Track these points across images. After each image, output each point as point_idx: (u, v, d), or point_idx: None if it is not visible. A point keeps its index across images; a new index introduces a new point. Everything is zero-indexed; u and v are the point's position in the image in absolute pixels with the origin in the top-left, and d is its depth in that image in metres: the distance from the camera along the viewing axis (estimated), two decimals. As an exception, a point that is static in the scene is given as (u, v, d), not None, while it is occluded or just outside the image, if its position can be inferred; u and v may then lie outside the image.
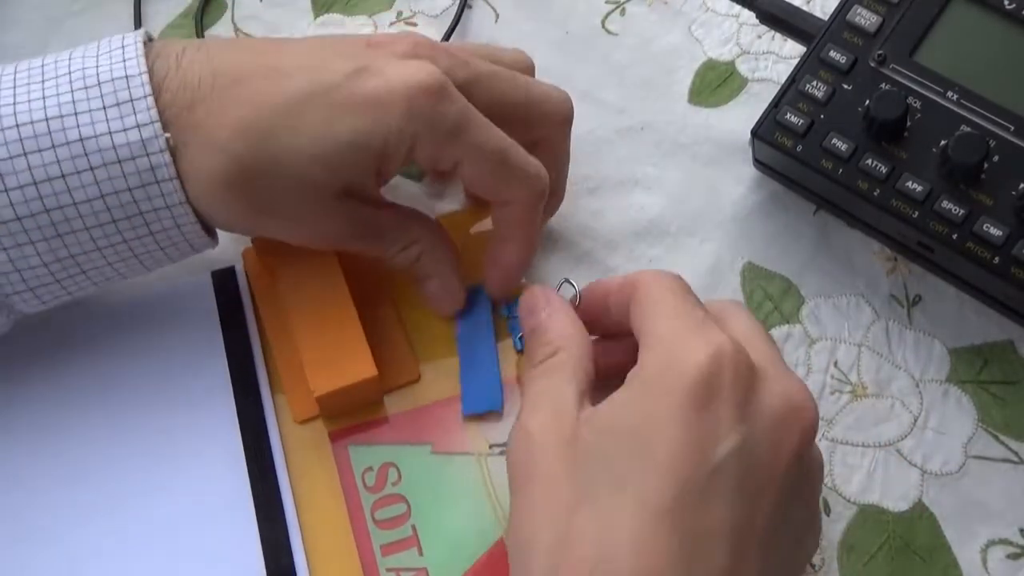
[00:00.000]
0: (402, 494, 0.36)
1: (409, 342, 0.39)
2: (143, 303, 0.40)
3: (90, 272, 0.35)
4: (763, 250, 0.42)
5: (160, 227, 0.34)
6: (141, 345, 0.39)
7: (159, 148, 0.32)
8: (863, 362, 0.39)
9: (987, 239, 0.36)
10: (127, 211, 0.33)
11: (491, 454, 0.37)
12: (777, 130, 0.39)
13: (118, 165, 0.32)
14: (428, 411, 0.38)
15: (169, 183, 0.33)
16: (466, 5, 0.48)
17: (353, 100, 0.33)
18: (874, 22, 0.39)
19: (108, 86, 0.32)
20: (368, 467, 0.37)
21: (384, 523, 0.36)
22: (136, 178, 0.32)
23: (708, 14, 0.48)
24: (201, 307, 0.40)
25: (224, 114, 0.33)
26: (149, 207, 0.33)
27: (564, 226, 0.43)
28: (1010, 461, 0.37)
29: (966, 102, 0.38)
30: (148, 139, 0.32)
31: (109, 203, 0.32)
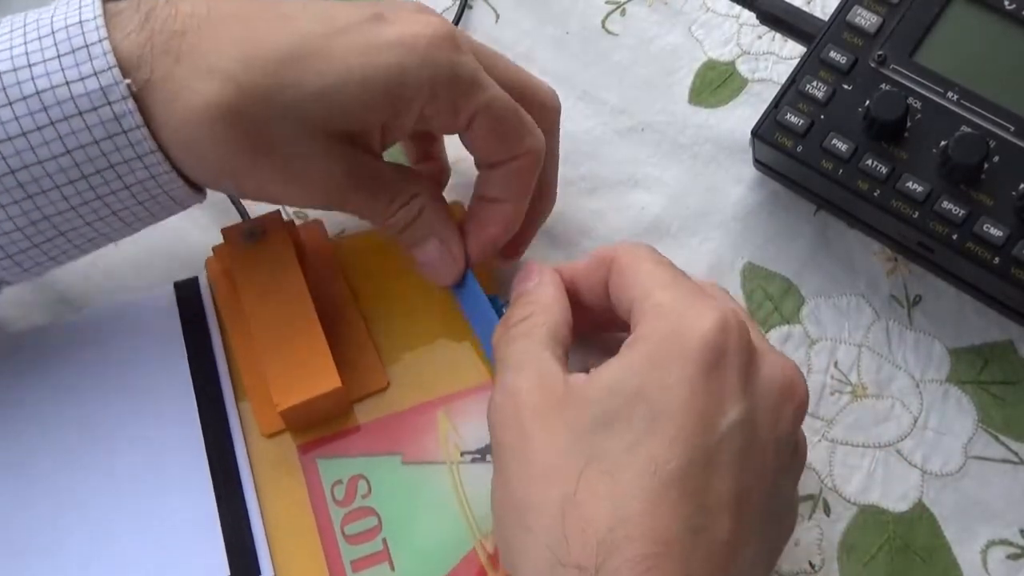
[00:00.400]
0: (372, 507, 0.36)
1: (376, 350, 0.38)
2: (105, 315, 0.39)
3: (69, 234, 0.33)
4: (763, 250, 0.42)
5: (134, 179, 0.32)
6: (103, 357, 0.38)
7: (121, 95, 0.30)
8: (863, 362, 0.39)
9: (987, 239, 0.36)
10: (96, 165, 0.31)
11: (463, 462, 0.36)
12: (777, 130, 0.39)
13: (79, 117, 0.30)
14: (400, 418, 0.37)
15: (137, 131, 0.30)
16: (466, 5, 0.48)
17: (370, 42, 0.32)
18: (874, 22, 0.39)
19: (62, 34, 0.30)
20: (337, 480, 0.36)
21: (354, 538, 0.35)
22: (101, 129, 0.30)
23: (708, 14, 0.48)
24: (164, 318, 0.39)
25: (222, 41, 0.31)
26: (119, 159, 0.31)
27: (564, 226, 0.43)
28: (1010, 461, 0.37)
29: (966, 102, 0.38)
30: (108, 87, 0.30)
31: (76, 158, 0.30)
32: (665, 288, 0.31)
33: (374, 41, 0.32)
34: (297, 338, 0.36)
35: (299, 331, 0.36)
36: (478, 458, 0.36)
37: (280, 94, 0.31)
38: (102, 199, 0.32)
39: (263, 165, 0.32)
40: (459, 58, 0.33)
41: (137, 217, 0.33)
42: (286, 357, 0.35)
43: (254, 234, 0.37)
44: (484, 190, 0.37)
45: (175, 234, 0.42)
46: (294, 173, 0.33)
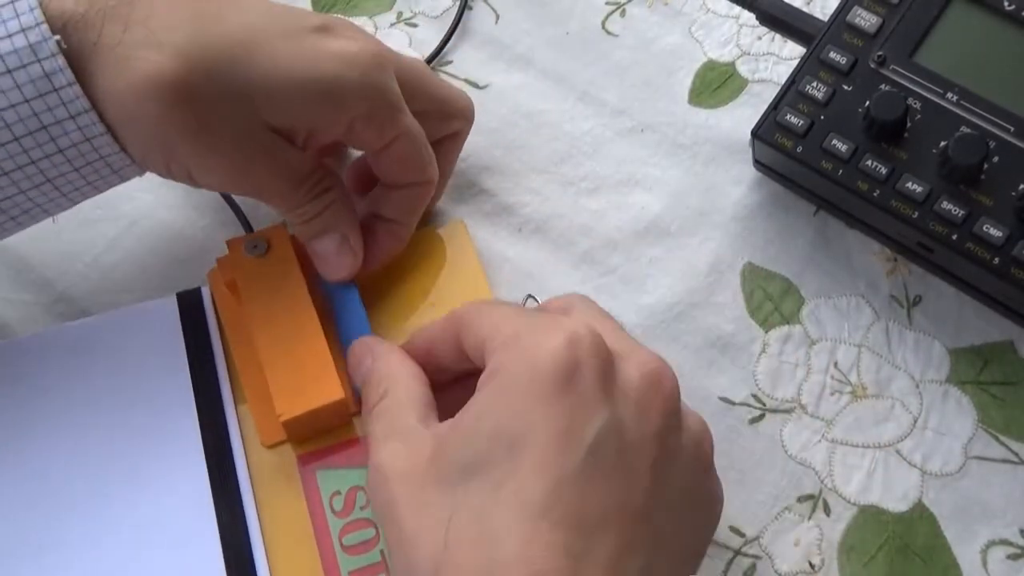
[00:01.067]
0: (371, 519, 0.35)
1: None
2: (108, 322, 0.39)
3: (3, 203, 0.32)
4: (763, 250, 0.42)
5: (68, 142, 0.31)
6: (104, 365, 0.38)
7: (50, 52, 0.29)
8: (863, 363, 0.39)
9: (987, 240, 0.36)
10: (28, 126, 0.30)
11: None
12: (777, 131, 0.39)
13: (8, 76, 0.29)
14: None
15: (68, 89, 0.30)
16: (467, 6, 0.48)
17: (316, 49, 0.33)
18: (874, 23, 0.39)
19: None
20: (336, 491, 0.36)
21: (352, 548, 0.35)
22: (31, 88, 0.29)
23: (708, 15, 0.48)
24: (166, 329, 0.39)
25: (173, 15, 0.31)
26: (51, 119, 0.30)
27: (565, 226, 0.43)
28: (1010, 462, 0.37)
29: (966, 103, 0.38)
30: (36, 43, 0.29)
31: (7, 118, 0.30)
32: (509, 320, 0.31)
33: (319, 49, 0.33)
34: (301, 349, 0.36)
35: (303, 342, 0.36)
36: None
37: (229, 77, 0.31)
38: (36, 164, 0.31)
39: (198, 143, 0.32)
40: (391, 82, 0.35)
41: (74, 186, 0.33)
42: (290, 368, 0.35)
43: (258, 247, 0.38)
44: (380, 208, 0.39)
45: (175, 235, 0.42)
46: (226, 155, 0.33)
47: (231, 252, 0.38)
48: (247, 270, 0.37)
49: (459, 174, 0.44)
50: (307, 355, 0.36)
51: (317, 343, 0.36)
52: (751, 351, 0.40)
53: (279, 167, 0.34)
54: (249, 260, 0.37)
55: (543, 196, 0.43)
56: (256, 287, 0.37)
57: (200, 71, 0.31)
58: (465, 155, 0.45)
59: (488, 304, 0.33)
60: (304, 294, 0.37)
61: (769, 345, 0.40)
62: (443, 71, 0.47)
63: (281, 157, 0.34)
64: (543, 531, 0.26)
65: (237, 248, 0.38)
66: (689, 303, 0.41)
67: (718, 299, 0.41)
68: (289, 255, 0.38)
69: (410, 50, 0.48)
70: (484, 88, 0.46)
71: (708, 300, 0.41)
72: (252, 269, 0.37)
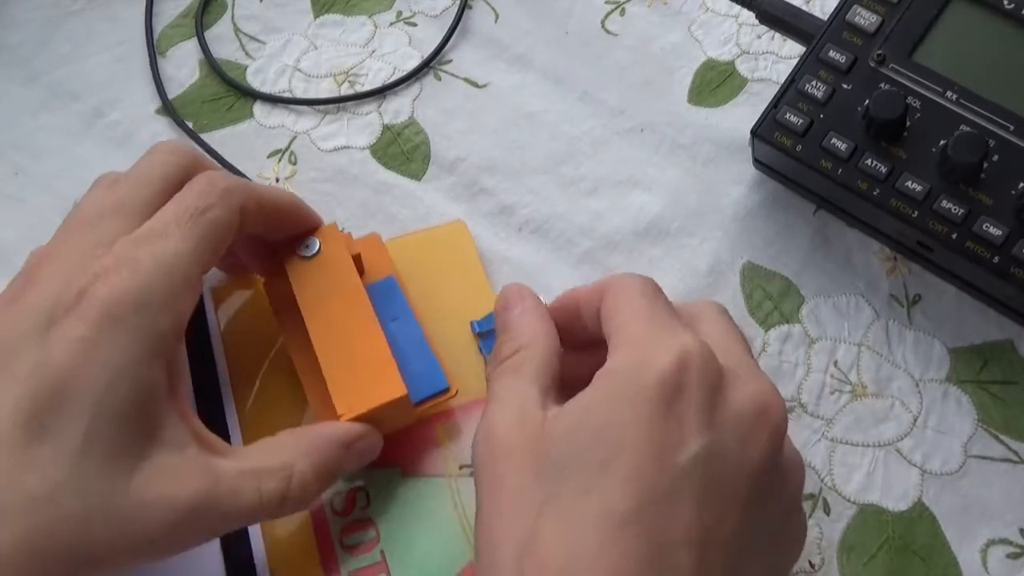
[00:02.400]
0: (371, 518, 0.35)
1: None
2: None
3: None
4: (763, 250, 0.42)
5: None
6: None
7: None
8: (863, 362, 0.39)
9: (987, 239, 0.36)
10: None
11: (461, 475, 0.36)
12: (777, 130, 0.39)
13: None
14: (401, 431, 0.36)
15: None
16: (466, 5, 0.48)
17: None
18: (873, 22, 0.39)
19: None
20: (336, 491, 0.36)
21: (353, 548, 0.35)
22: None
23: (708, 14, 0.48)
24: None
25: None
26: None
27: (564, 226, 0.43)
28: (1010, 461, 0.37)
29: (965, 102, 0.38)
30: None
31: None
32: (639, 319, 0.30)
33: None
34: (359, 347, 0.35)
35: (361, 340, 0.35)
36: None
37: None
38: None
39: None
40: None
41: None
42: (349, 367, 0.35)
43: (310, 246, 0.37)
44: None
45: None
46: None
47: (282, 255, 0.37)
48: (300, 271, 0.36)
49: (459, 174, 0.44)
50: (366, 353, 0.35)
51: (376, 340, 0.35)
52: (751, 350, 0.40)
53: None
54: (302, 261, 0.37)
55: (543, 196, 0.43)
56: (311, 288, 0.36)
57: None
58: (465, 155, 0.45)
59: (633, 285, 0.32)
60: (360, 292, 0.36)
61: (769, 344, 0.40)
62: (442, 70, 0.47)
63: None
64: (624, 539, 0.26)
65: (288, 250, 0.37)
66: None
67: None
68: (342, 253, 0.37)
69: (409, 49, 0.48)
70: (484, 87, 0.46)
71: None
72: (305, 269, 0.36)
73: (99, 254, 0.30)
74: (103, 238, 0.31)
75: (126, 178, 0.34)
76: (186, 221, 0.32)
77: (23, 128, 0.47)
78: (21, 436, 0.28)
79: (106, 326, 0.29)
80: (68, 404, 0.28)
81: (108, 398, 0.28)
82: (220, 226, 0.33)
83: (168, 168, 0.34)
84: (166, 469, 0.29)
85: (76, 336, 0.29)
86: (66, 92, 0.47)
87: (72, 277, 0.30)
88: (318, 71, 0.48)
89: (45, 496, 0.27)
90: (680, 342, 0.29)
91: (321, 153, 0.45)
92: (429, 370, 0.36)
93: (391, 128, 0.46)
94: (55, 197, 0.44)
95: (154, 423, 0.30)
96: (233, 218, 0.33)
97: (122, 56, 0.48)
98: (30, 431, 0.28)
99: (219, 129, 0.46)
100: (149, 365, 0.29)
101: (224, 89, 0.47)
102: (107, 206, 0.33)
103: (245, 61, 0.48)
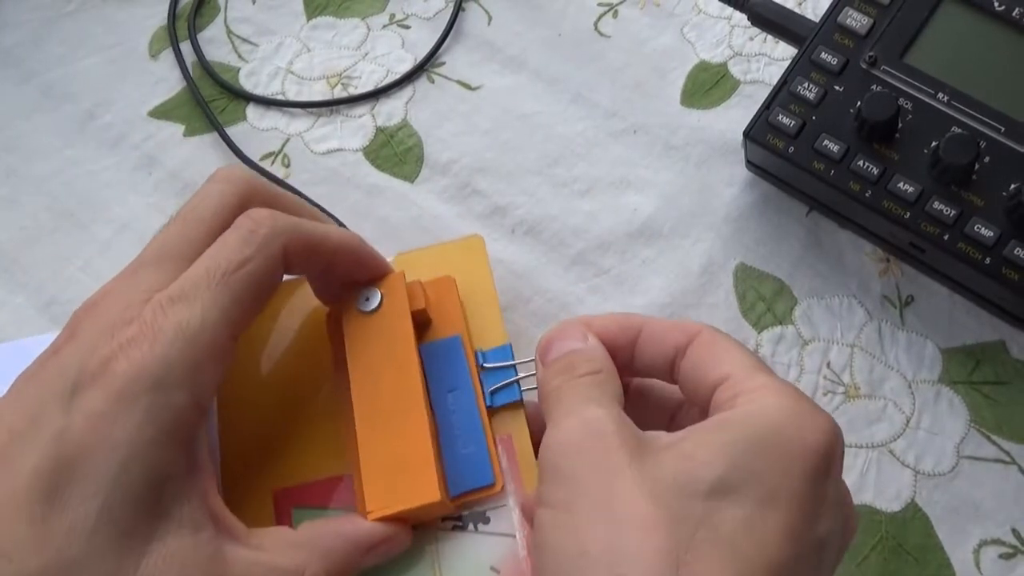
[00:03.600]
0: None
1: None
2: None
3: None
4: (755, 251, 0.42)
5: None
6: None
7: None
8: (856, 363, 0.39)
9: (978, 240, 0.36)
10: None
11: (442, 529, 0.33)
12: (769, 131, 0.39)
13: None
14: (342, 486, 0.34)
15: None
16: (460, 7, 0.48)
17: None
18: (865, 24, 0.39)
19: None
20: None
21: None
22: None
23: (700, 16, 0.48)
24: None
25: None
26: None
27: (557, 228, 0.43)
28: (1002, 461, 0.37)
29: (957, 103, 0.38)
30: None
31: None
32: (765, 374, 0.30)
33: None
34: (401, 435, 0.32)
35: (405, 427, 0.32)
36: (459, 526, 0.33)
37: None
38: None
39: None
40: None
41: None
42: (386, 455, 0.32)
43: (371, 299, 0.34)
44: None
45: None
46: None
47: (343, 302, 0.34)
48: (357, 327, 0.34)
49: (452, 175, 0.44)
50: (407, 443, 0.32)
51: (419, 430, 0.32)
52: (744, 352, 0.40)
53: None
54: (360, 316, 0.34)
55: (536, 197, 0.43)
56: (364, 349, 0.33)
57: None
58: (458, 156, 0.45)
59: (740, 346, 0.31)
60: (414, 367, 0.33)
61: (762, 346, 0.40)
62: (436, 73, 0.47)
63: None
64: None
65: (350, 300, 0.34)
66: (682, 304, 0.41)
67: (711, 300, 0.41)
68: (403, 314, 0.34)
69: (402, 51, 0.48)
70: (477, 90, 0.46)
71: (701, 301, 0.41)
72: (362, 326, 0.34)
73: (128, 317, 0.30)
74: (138, 295, 0.31)
75: (180, 215, 0.33)
76: (217, 281, 0.30)
77: (16, 130, 0.47)
78: (39, 508, 0.28)
79: (123, 403, 0.28)
80: (84, 478, 0.28)
81: (122, 477, 0.28)
82: (257, 282, 0.31)
83: (224, 199, 0.33)
84: (177, 553, 0.29)
85: (95, 410, 0.28)
86: (59, 94, 0.47)
87: (99, 343, 0.30)
88: (311, 73, 0.48)
89: (58, 571, 0.27)
90: (828, 417, 0.29)
91: (314, 155, 0.45)
92: (477, 459, 0.33)
93: (384, 130, 0.46)
94: (48, 199, 0.44)
95: (168, 504, 0.29)
96: (275, 269, 0.31)
97: (115, 58, 0.48)
98: (48, 503, 0.28)
99: (212, 132, 0.46)
100: (165, 445, 0.29)
101: (217, 92, 0.47)
102: (152, 251, 0.32)
103: (238, 63, 0.48)
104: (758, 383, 0.29)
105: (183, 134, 0.46)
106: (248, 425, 0.35)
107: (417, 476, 0.32)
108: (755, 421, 0.28)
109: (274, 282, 0.32)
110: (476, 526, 0.33)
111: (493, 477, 0.33)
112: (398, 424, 0.32)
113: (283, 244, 0.32)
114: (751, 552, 0.26)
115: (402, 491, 0.31)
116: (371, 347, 0.33)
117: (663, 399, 0.34)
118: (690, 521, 0.26)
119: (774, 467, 0.27)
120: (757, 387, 0.29)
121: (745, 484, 0.27)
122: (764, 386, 0.29)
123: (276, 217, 0.32)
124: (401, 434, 0.32)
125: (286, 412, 0.36)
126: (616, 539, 0.26)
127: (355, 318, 0.34)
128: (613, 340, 0.32)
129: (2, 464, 0.28)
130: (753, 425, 0.28)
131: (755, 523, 0.26)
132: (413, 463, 0.32)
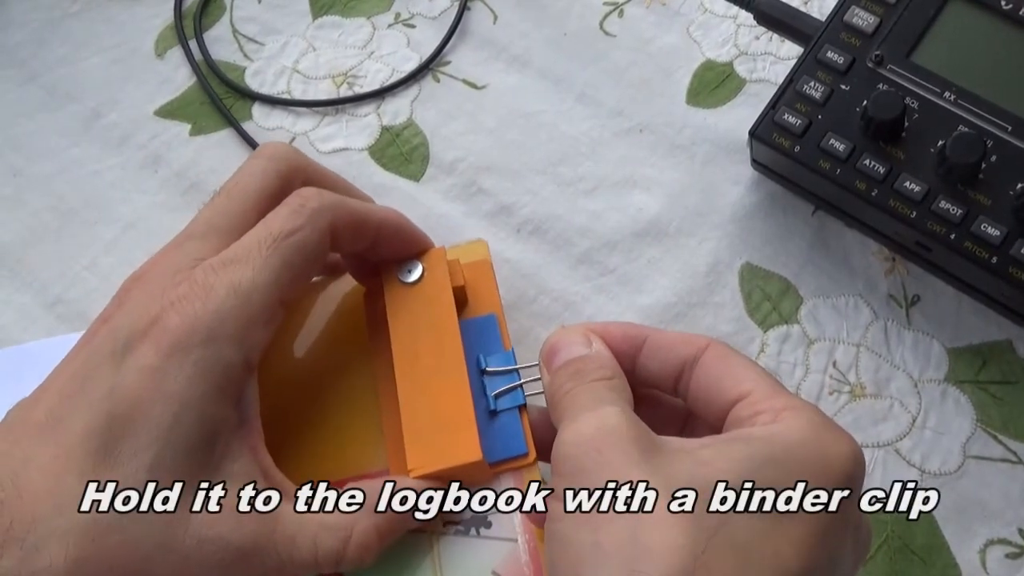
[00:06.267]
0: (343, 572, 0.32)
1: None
2: None
3: None
4: (761, 250, 0.42)
5: None
6: None
7: None
8: (861, 362, 0.39)
9: (985, 239, 0.36)
10: None
11: (444, 532, 0.33)
12: (775, 131, 0.39)
13: None
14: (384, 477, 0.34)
15: None
16: (465, 6, 0.48)
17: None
18: (871, 23, 0.39)
19: None
20: None
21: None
22: None
23: (706, 15, 0.48)
24: None
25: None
26: None
27: (563, 227, 0.43)
28: (1008, 461, 0.37)
29: (963, 102, 0.38)
30: None
31: None
32: (786, 394, 0.30)
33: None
34: (442, 397, 0.33)
35: (446, 389, 0.33)
36: (460, 530, 0.33)
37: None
38: None
39: None
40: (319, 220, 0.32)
41: None
42: (428, 417, 0.33)
43: (413, 271, 0.35)
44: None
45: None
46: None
47: (384, 275, 0.35)
48: (399, 297, 0.34)
49: (457, 174, 0.44)
50: (449, 405, 0.33)
51: (460, 392, 0.33)
52: (750, 351, 0.40)
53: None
54: (402, 287, 0.35)
55: (541, 196, 0.43)
56: (406, 318, 0.34)
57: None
58: (464, 155, 0.45)
59: (753, 363, 0.31)
60: (454, 335, 0.34)
61: (768, 345, 0.40)
62: (441, 72, 0.47)
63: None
64: None
65: (391, 272, 0.35)
66: (688, 303, 0.41)
67: (716, 299, 0.41)
68: (443, 284, 0.35)
69: (408, 50, 0.48)
70: (482, 88, 0.46)
71: (707, 300, 0.41)
72: (404, 296, 0.34)
73: (179, 280, 0.30)
74: (187, 262, 0.31)
75: (225, 190, 0.33)
76: (268, 246, 0.31)
77: (21, 129, 0.47)
78: (91, 462, 0.28)
79: (175, 357, 0.29)
80: (136, 432, 0.28)
81: (174, 430, 0.28)
82: (307, 251, 0.31)
83: (267, 179, 0.33)
84: (227, 506, 0.29)
85: (147, 365, 0.28)
86: (64, 93, 0.47)
87: (150, 303, 0.30)
88: (317, 73, 0.48)
89: (109, 521, 0.27)
90: (852, 443, 0.29)
91: (320, 155, 0.45)
92: (512, 430, 0.34)
93: (390, 129, 0.46)
94: (53, 198, 0.44)
95: (219, 458, 0.29)
96: (323, 241, 0.32)
97: (120, 58, 0.48)
98: (99, 456, 0.28)
99: (218, 131, 0.46)
100: (216, 400, 0.29)
101: (223, 91, 0.47)
102: (198, 225, 0.32)
103: (244, 63, 0.48)
104: (781, 403, 0.29)
105: (189, 133, 0.46)
106: (282, 422, 0.35)
107: (458, 436, 0.32)
108: (780, 439, 0.28)
109: (321, 254, 0.32)
110: (478, 531, 0.33)
111: (527, 447, 0.33)
112: (439, 386, 0.33)
113: (330, 219, 0.32)
114: (766, 560, 0.26)
115: (444, 450, 0.32)
116: (413, 315, 0.34)
117: (670, 412, 0.34)
118: (710, 524, 0.26)
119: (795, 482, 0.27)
120: (781, 407, 0.29)
121: (741, 513, 0.26)
122: (789, 407, 0.29)
123: (323, 194, 0.33)
124: (442, 396, 0.33)
125: (321, 409, 0.36)
126: (634, 533, 0.26)
127: (397, 289, 0.35)
128: (616, 348, 0.32)
129: (56, 426, 0.28)
130: (777, 443, 0.28)
131: (772, 533, 0.26)
132: (454, 423, 0.32)
